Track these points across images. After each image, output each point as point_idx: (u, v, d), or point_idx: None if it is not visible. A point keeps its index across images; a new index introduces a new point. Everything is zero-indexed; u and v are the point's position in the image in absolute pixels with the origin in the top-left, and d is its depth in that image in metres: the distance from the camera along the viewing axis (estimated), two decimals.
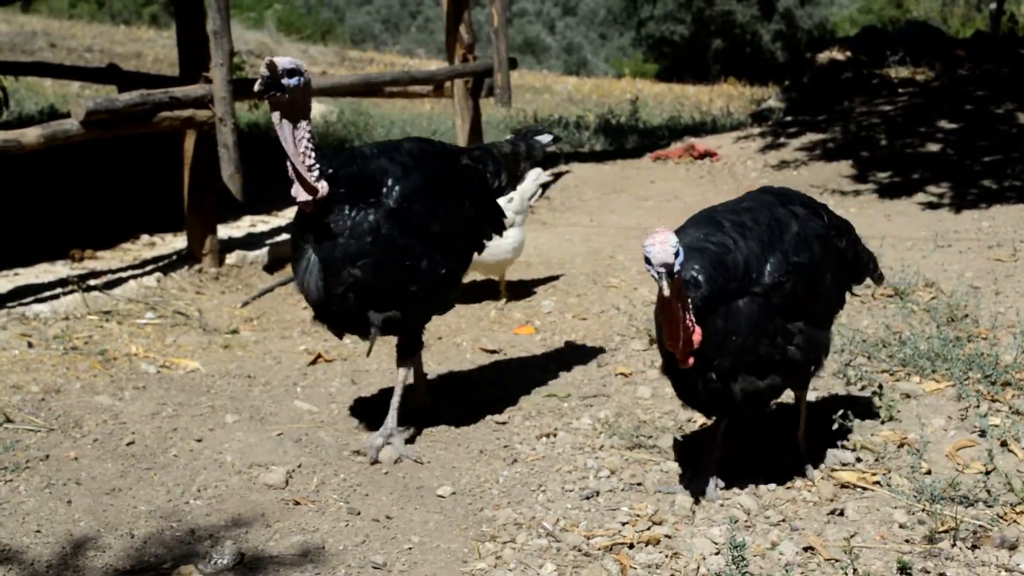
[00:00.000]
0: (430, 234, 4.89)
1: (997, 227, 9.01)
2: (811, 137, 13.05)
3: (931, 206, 10.03)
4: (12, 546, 3.99)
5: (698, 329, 4.03)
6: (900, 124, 12.93)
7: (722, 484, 4.54)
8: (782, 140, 13.09)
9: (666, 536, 4.16)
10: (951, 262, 7.87)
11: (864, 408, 5.26)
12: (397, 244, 4.76)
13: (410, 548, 4.15)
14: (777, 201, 4.54)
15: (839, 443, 4.88)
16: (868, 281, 5.02)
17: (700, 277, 4.06)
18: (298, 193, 4.55)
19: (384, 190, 4.76)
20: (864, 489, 4.47)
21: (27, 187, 9.91)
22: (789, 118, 14.47)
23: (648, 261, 3.78)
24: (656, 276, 3.77)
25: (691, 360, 4.07)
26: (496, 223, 5.51)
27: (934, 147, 12.08)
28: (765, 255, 4.24)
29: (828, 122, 13.60)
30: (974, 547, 3.98)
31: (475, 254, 5.38)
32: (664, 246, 3.74)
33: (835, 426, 4.86)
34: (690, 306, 3.99)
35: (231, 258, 8.18)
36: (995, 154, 11.52)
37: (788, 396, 4.75)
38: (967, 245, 8.41)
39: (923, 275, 7.25)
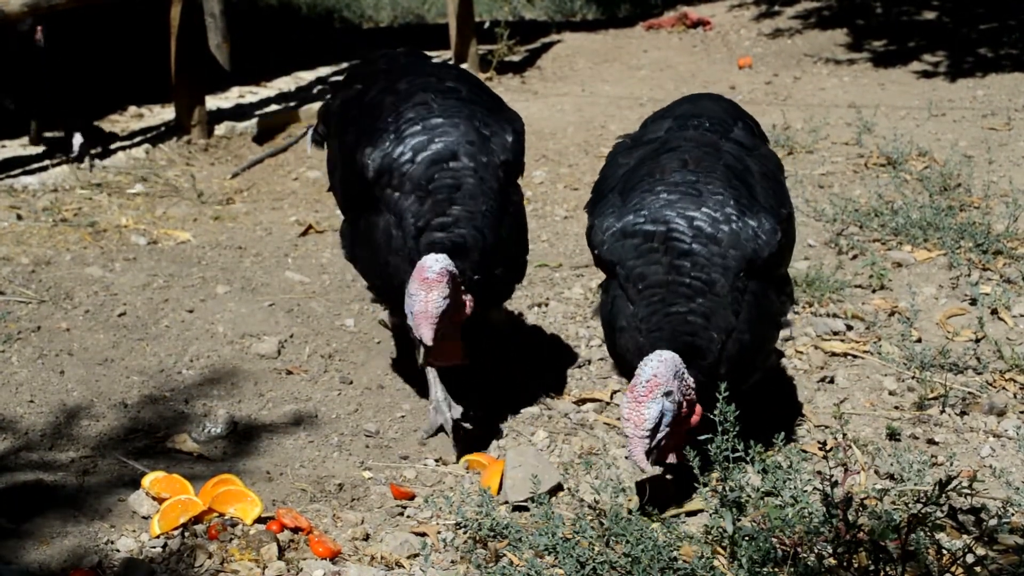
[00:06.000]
0: None
1: (992, 96, 8.93)
2: (806, 5, 12.85)
3: (926, 75, 9.92)
4: (6, 416, 4.01)
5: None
6: None
7: None
8: (776, 8, 12.88)
9: None
10: (945, 131, 7.81)
11: (855, 277, 5.26)
12: None
13: (402, 416, 4.18)
14: (718, 133, 3.81)
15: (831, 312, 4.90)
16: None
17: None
18: None
19: None
20: (854, 357, 4.50)
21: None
22: None
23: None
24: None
25: None
26: None
27: (930, 15, 11.92)
28: (754, 219, 3.49)
29: None
30: (963, 413, 4.02)
31: None
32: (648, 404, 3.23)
33: None
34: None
35: (220, 129, 8.09)
36: (991, 22, 11.37)
37: None
38: (961, 114, 8.34)
39: (916, 144, 7.20)
